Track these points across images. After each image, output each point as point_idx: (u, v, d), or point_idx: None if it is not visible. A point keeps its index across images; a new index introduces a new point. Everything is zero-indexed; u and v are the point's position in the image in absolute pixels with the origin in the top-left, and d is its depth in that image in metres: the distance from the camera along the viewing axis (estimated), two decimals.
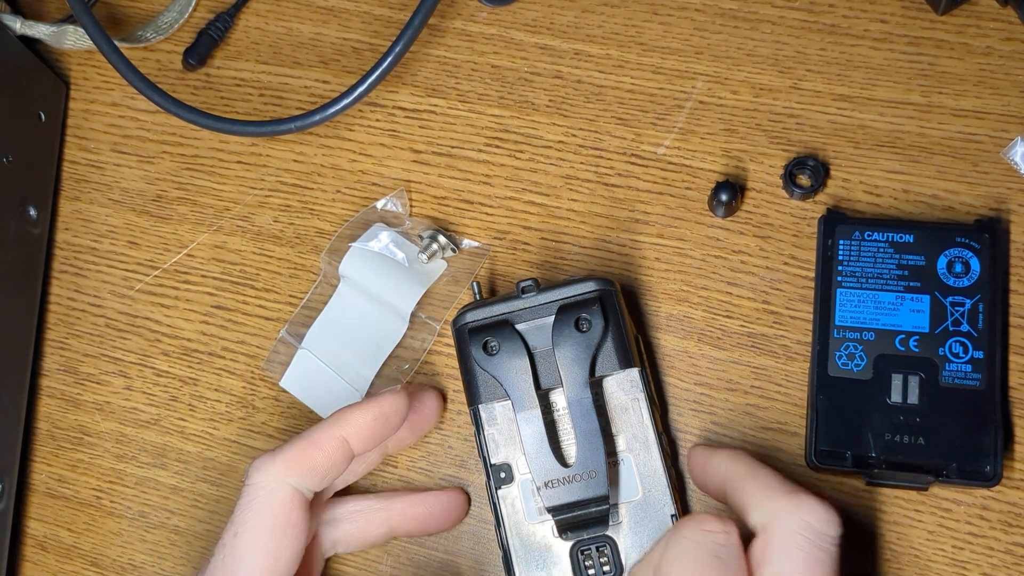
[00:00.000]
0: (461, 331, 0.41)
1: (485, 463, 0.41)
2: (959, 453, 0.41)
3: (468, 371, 0.41)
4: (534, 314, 0.41)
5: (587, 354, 0.40)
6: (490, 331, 0.41)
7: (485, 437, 0.41)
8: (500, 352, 0.40)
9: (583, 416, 0.39)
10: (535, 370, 0.40)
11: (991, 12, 0.46)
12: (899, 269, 0.43)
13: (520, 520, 0.41)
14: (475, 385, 0.41)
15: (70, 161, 0.52)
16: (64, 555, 0.48)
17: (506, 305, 0.41)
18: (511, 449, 0.41)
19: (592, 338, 0.40)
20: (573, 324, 0.40)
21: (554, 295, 0.41)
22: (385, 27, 0.51)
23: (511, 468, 0.41)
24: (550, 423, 0.41)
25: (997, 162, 0.45)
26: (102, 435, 0.49)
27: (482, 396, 0.41)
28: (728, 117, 0.47)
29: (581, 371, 0.40)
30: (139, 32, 0.52)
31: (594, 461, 0.39)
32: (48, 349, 0.50)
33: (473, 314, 0.41)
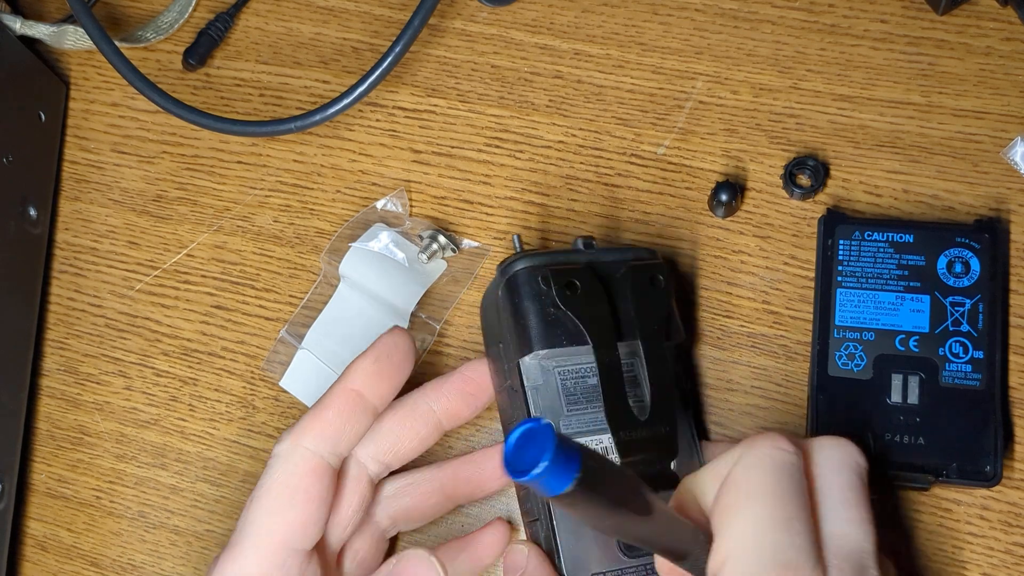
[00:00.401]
0: (524, 274, 0.39)
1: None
2: (959, 453, 0.41)
3: (530, 315, 0.39)
4: (602, 268, 0.40)
5: (662, 311, 0.40)
6: (573, 273, 0.39)
7: (527, 394, 0.39)
8: (584, 293, 0.39)
9: (660, 369, 0.38)
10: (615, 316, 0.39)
11: (991, 12, 0.46)
12: (899, 269, 0.43)
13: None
14: (536, 330, 0.38)
15: (70, 161, 0.52)
16: (64, 555, 0.48)
17: (569, 256, 0.40)
18: (553, 408, 0.39)
19: (666, 297, 0.40)
20: (649, 280, 0.40)
21: (618, 255, 0.41)
22: (385, 27, 0.51)
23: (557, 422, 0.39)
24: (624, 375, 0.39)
25: (997, 162, 0.45)
26: (102, 435, 0.49)
27: (540, 343, 0.38)
28: (728, 117, 0.47)
29: (659, 326, 0.39)
30: (139, 32, 0.52)
31: (669, 416, 0.38)
32: (48, 349, 0.50)
33: (532, 260, 0.39)
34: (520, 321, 0.39)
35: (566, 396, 0.39)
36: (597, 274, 0.39)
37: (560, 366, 0.39)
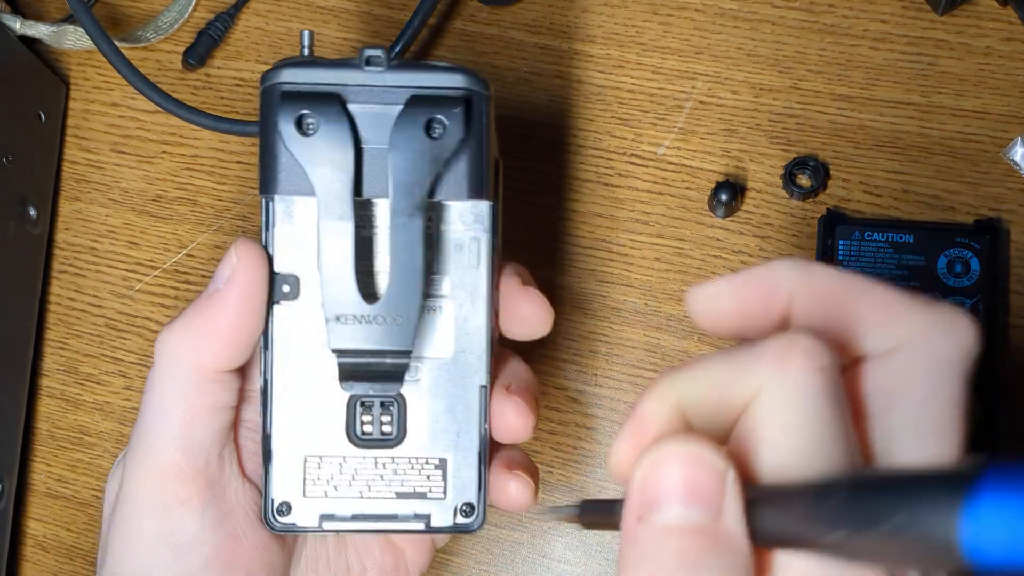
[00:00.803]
0: (270, 92, 0.31)
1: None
2: None
3: (268, 149, 0.31)
4: (375, 96, 0.31)
5: (431, 168, 0.31)
6: (310, 102, 0.31)
7: (273, 236, 0.32)
8: (318, 134, 0.31)
9: (406, 246, 0.31)
10: (359, 170, 0.31)
11: (991, 12, 0.46)
12: (899, 269, 0.43)
13: (295, 348, 0.32)
14: (273, 170, 0.31)
15: (70, 161, 0.52)
16: (64, 555, 0.48)
17: (340, 74, 0.31)
18: (304, 259, 0.32)
19: (443, 149, 0.31)
20: (423, 125, 0.31)
21: (407, 78, 0.31)
22: (385, 27, 0.51)
23: (298, 282, 0.32)
24: (363, 241, 0.32)
25: (997, 162, 0.45)
26: (102, 435, 0.49)
27: (280, 185, 0.31)
28: (728, 117, 0.47)
29: (419, 187, 0.31)
30: (139, 32, 0.52)
31: (406, 305, 0.31)
32: (48, 349, 0.50)
33: (293, 73, 0.31)
34: (263, 151, 0.32)
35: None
36: (355, 105, 0.31)
37: (312, 213, 0.32)
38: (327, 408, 0.32)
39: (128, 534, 0.32)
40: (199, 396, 0.32)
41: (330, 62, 0.32)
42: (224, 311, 0.31)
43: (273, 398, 0.32)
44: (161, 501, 0.31)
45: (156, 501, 0.31)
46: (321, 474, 0.32)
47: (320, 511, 0.32)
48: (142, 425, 0.32)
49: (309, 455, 0.32)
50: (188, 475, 0.32)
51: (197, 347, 0.32)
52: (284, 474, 0.32)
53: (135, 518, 0.32)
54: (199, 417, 0.32)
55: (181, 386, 0.32)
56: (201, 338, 0.32)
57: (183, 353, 0.32)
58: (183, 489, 0.31)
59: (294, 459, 0.32)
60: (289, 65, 0.32)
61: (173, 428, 0.32)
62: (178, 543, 0.31)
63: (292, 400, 0.32)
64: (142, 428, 0.32)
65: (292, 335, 0.32)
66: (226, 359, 0.32)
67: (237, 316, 0.31)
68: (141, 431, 0.32)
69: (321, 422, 0.32)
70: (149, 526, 0.31)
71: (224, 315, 0.31)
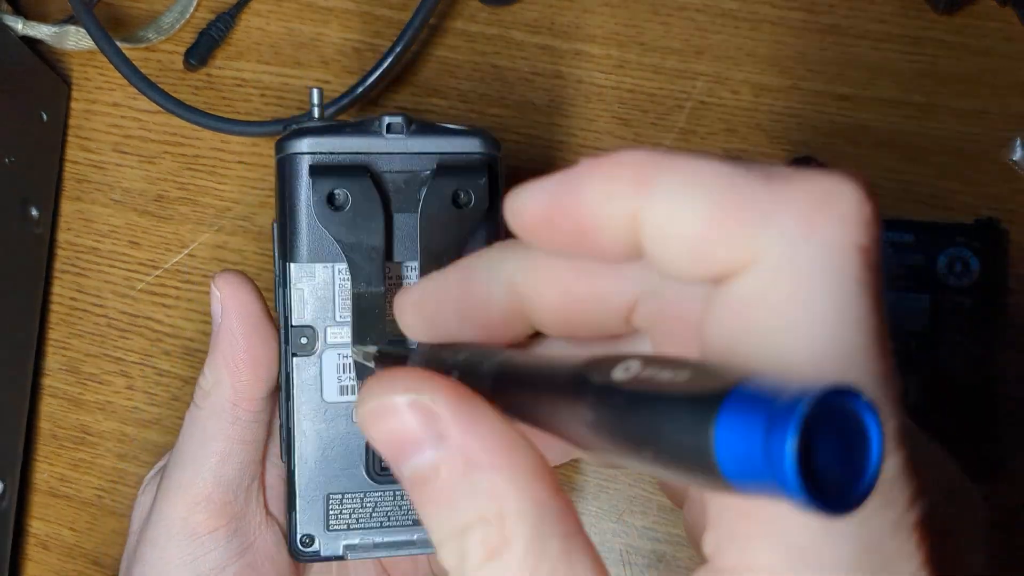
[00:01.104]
0: (293, 162, 0.32)
1: (284, 323, 0.33)
2: (958, 453, 0.41)
3: (294, 220, 0.32)
4: (398, 163, 0.33)
5: (460, 237, 0.32)
6: (340, 177, 0.32)
7: (291, 295, 0.33)
8: (349, 208, 0.32)
9: None
10: (389, 238, 0.33)
11: (991, 12, 0.46)
12: (899, 269, 0.43)
13: (315, 396, 0.34)
14: (300, 240, 0.32)
15: (72, 161, 0.52)
16: (66, 554, 0.48)
17: (362, 142, 0.32)
18: (321, 313, 0.33)
19: (470, 218, 0.33)
20: (451, 196, 0.32)
21: (428, 144, 0.33)
22: (385, 27, 0.51)
23: (315, 335, 0.33)
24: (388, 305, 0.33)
25: (996, 162, 0.45)
26: (104, 435, 0.49)
27: (304, 256, 0.33)
28: (728, 117, 0.47)
29: (447, 256, 0.32)
30: (140, 32, 0.52)
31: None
32: (50, 349, 0.51)
33: (316, 142, 0.32)
34: (285, 220, 0.33)
35: (343, 300, 0.33)
36: (382, 178, 0.32)
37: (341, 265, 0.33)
38: (347, 449, 0.34)
39: (155, 556, 0.34)
40: (235, 429, 0.34)
41: (349, 127, 0.33)
42: (237, 339, 0.34)
43: (296, 443, 0.34)
44: (191, 529, 0.34)
45: (185, 529, 0.34)
46: (343, 509, 0.35)
47: (343, 542, 0.35)
48: (182, 454, 0.34)
49: (332, 493, 0.34)
50: (218, 507, 0.34)
51: (230, 379, 0.34)
52: (308, 511, 0.34)
53: (165, 543, 0.34)
54: (234, 450, 0.34)
55: (221, 423, 0.34)
56: (233, 373, 0.34)
57: (222, 391, 0.34)
58: (212, 520, 0.34)
59: (317, 497, 0.34)
60: (309, 133, 0.32)
61: (212, 462, 0.34)
62: (201, 570, 0.34)
63: (313, 444, 0.34)
64: (182, 457, 0.34)
65: (311, 383, 0.34)
66: (259, 384, 0.34)
67: (249, 340, 0.34)
68: (180, 460, 0.34)
69: (342, 462, 0.34)
70: (176, 551, 0.34)
71: (239, 343, 0.34)
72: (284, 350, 0.34)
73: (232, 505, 0.34)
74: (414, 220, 0.33)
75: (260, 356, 0.34)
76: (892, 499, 0.17)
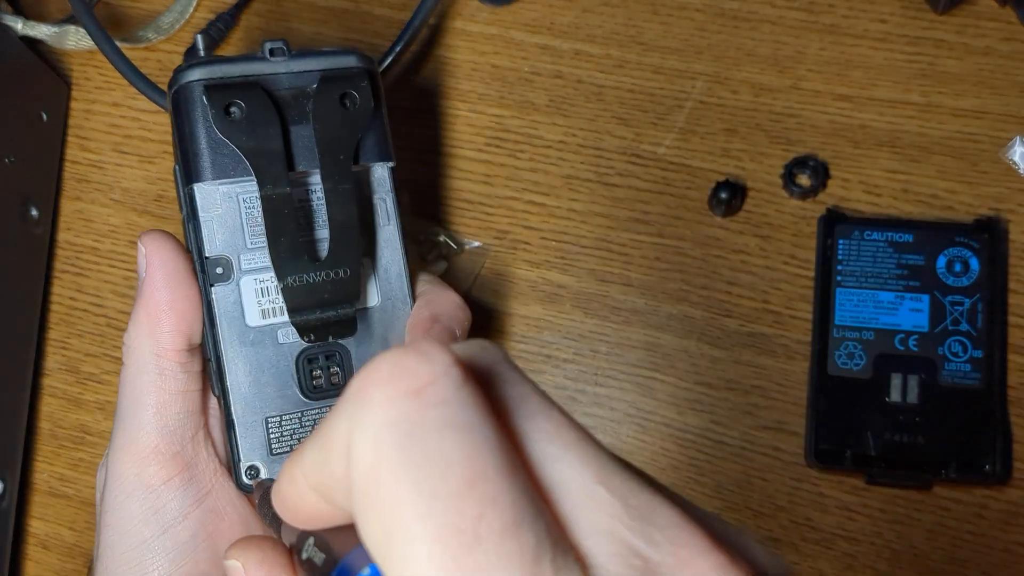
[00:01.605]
0: (189, 89, 0.34)
1: (198, 255, 0.35)
2: (958, 452, 0.41)
3: (194, 140, 0.34)
4: (285, 81, 0.35)
5: (352, 136, 0.35)
6: (234, 93, 0.34)
7: (201, 224, 0.34)
8: (247, 118, 0.34)
9: (341, 206, 0.34)
10: (288, 146, 0.34)
11: (990, 12, 0.46)
12: (899, 268, 0.43)
13: (238, 322, 0.35)
14: (202, 158, 0.34)
15: (71, 161, 0.52)
16: (66, 554, 0.48)
17: (248, 66, 0.35)
18: (232, 241, 0.34)
19: (358, 118, 0.35)
20: (339, 99, 0.35)
21: (310, 63, 0.35)
22: (385, 27, 0.51)
23: (230, 263, 0.35)
24: (299, 211, 0.35)
25: (996, 162, 0.45)
26: (103, 434, 0.49)
27: (208, 173, 0.34)
28: (728, 117, 0.47)
29: (345, 155, 0.35)
30: (140, 32, 0.52)
31: (348, 260, 0.34)
32: (50, 348, 0.51)
33: (204, 70, 0.34)
34: (185, 145, 0.34)
35: (250, 227, 0.35)
36: (274, 92, 0.35)
37: (243, 192, 0.35)
38: (277, 371, 0.35)
39: (118, 517, 0.34)
40: (165, 381, 0.34)
41: (236, 58, 0.35)
42: (158, 291, 0.34)
43: (227, 371, 0.34)
44: (145, 483, 0.34)
45: (140, 484, 0.34)
46: (283, 431, 0.35)
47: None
48: (120, 417, 0.35)
49: (270, 416, 0.35)
50: (167, 457, 0.34)
51: (153, 333, 0.34)
52: (249, 438, 0.35)
53: (123, 502, 0.34)
54: (170, 401, 0.34)
55: (149, 376, 0.34)
56: (153, 324, 0.34)
57: (144, 343, 0.34)
58: (164, 470, 0.34)
59: (256, 422, 0.35)
60: (198, 64, 0.34)
61: (149, 414, 0.34)
62: (164, 520, 0.34)
63: (244, 370, 0.35)
64: (120, 419, 0.35)
65: (233, 311, 0.35)
66: (180, 336, 0.34)
67: (171, 292, 0.34)
68: (120, 422, 0.35)
69: (274, 384, 0.35)
70: (136, 507, 0.34)
71: (160, 295, 0.34)
72: (202, 280, 0.34)
73: (181, 455, 0.34)
74: (308, 131, 0.35)
75: (181, 308, 0.34)
76: None
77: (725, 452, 0.44)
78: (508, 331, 0.47)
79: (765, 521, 0.43)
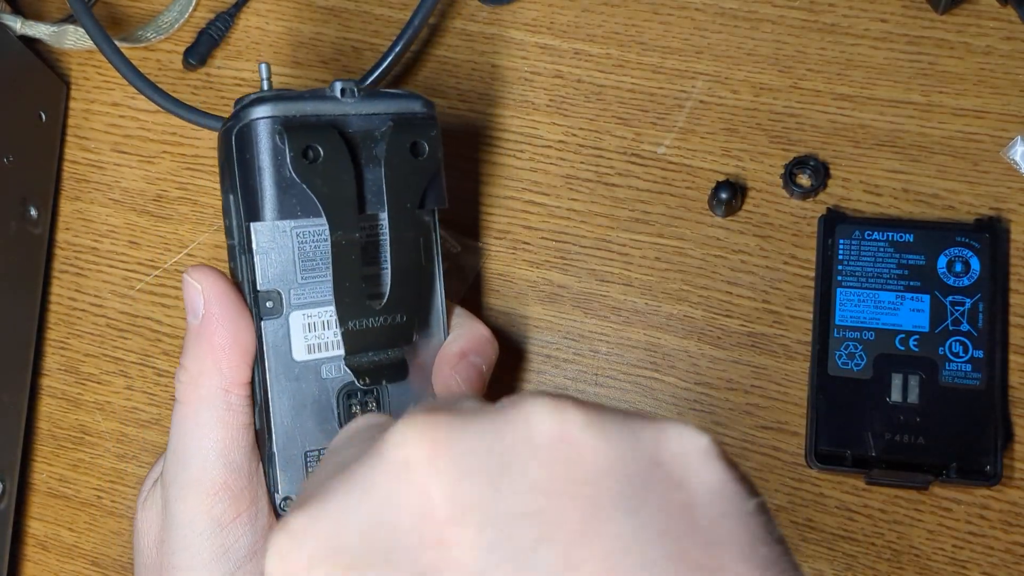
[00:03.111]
0: (260, 126, 0.34)
1: (250, 289, 0.35)
2: (959, 452, 0.41)
3: (261, 178, 0.34)
4: (353, 124, 0.35)
5: (420, 185, 0.35)
6: (313, 136, 0.33)
7: (255, 258, 0.34)
8: (323, 163, 0.33)
9: (405, 254, 0.35)
10: (360, 190, 0.35)
11: (991, 11, 0.46)
12: (899, 268, 0.43)
13: (285, 357, 0.35)
14: (267, 198, 0.34)
15: (71, 161, 0.52)
16: (65, 554, 0.48)
17: (320, 105, 0.35)
18: (284, 276, 0.35)
19: (426, 168, 0.35)
20: (410, 147, 0.35)
21: (378, 105, 0.35)
22: (385, 27, 0.51)
23: (280, 298, 0.35)
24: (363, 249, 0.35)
25: (997, 161, 0.45)
26: (103, 435, 0.49)
27: (271, 213, 0.34)
28: (728, 116, 0.47)
29: (411, 203, 0.35)
30: (139, 32, 0.52)
31: (407, 305, 0.35)
32: (49, 349, 0.51)
33: (276, 107, 0.34)
34: (250, 182, 0.34)
35: (302, 262, 0.35)
36: (347, 134, 0.34)
37: (300, 228, 0.35)
38: (319, 405, 0.35)
39: (189, 557, 0.34)
40: (233, 416, 0.34)
41: (305, 94, 0.35)
42: (221, 327, 0.34)
43: (273, 404, 0.35)
44: (215, 521, 0.34)
45: (211, 522, 0.34)
46: None
47: None
48: (179, 456, 0.34)
49: (309, 450, 0.35)
50: (235, 493, 0.34)
51: (219, 368, 0.34)
52: (288, 471, 0.35)
53: (194, 540, 0.34)
54: (236, 436, 0.34)
55: (216, 411, 0.34)
56: (218, 359, 0.34)
57: (210, 379, 0.34)
58: (234, 507, 0.34)
59: (296, 455, 0.35)
60: (268, 99, 0.34)
61: (215, 451, 0.34)
62: (235, 557, 0.34)
63: (288, 404, 0.35)
64: (180, 458, 0.34)
65: (281, 345, 0.35)
66: (247, 369, 0.35)
67: (233, 326, 0.34)
68: (180, 461, 0.34)
69: (315, 418, 0.35)
70: (207, 547, 0.34)
71: (223, 330, 0.34)
72: (254, 314, 0.34)
73: (248, 490, 0.34)
74: (374, 173, 0.35)
75: (244, 342, 0.34)
76: None
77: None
78: (508, 331, 0.47)
79: None
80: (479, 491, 0.20)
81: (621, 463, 0.20)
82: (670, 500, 0.20)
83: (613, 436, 0.21)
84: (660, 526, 0.20)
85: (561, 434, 0.20)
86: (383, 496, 0.21)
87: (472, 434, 0.21)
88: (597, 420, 0.21)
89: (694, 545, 0.19)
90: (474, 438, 0.21)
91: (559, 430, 0.21)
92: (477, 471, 0.20)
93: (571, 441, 0.20)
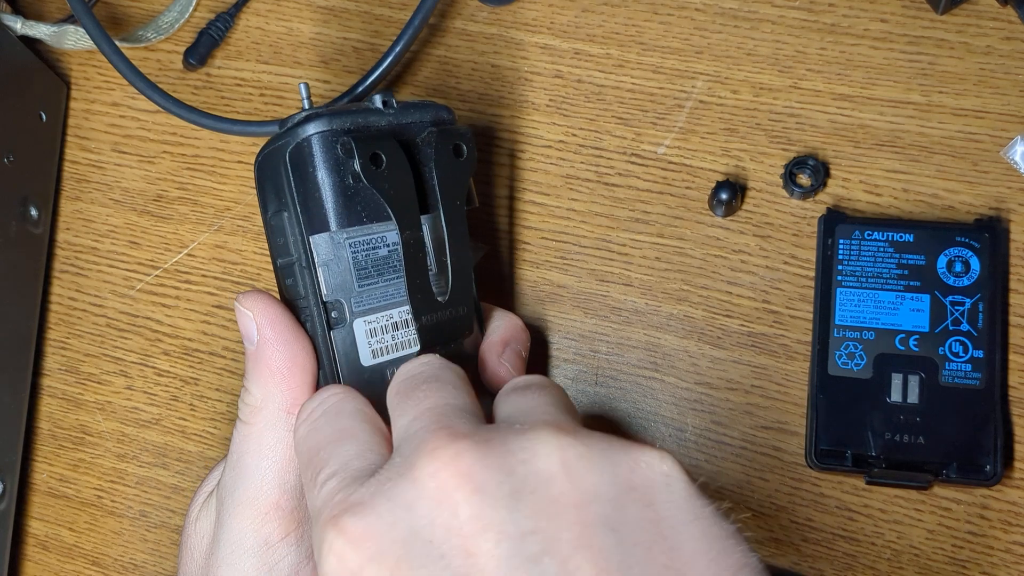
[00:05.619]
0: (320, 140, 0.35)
1: (315, 301, 0.36)
2: (959, 452, 0.41)
3: (324, 190, 0.35)
4: (400, 132, 0.37)
5: (465, 183, 0.38)
6: (376, 143, 0.35)
7: (318, 270, 0.36)
8: (388, 167, 0.35)
9: (461, 249, 0.37)
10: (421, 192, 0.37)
11: (991, 11, 0.46)
12: (899, 268, 0.43)
13: (356, 364, 0.36)
14: (330, 209, 0.35)
15: (71, 161, 0.52)
16: (65, 554, 0.48)
17: (372, 117, 0.37)
18: (344, 285, 0.36)
19: (466, 168, 0.38)
20: (454, 150, 0.38)
21: (415, 114, 0.38)
22: (385, 27, 0.51)
23: (343, 307, 0.36)
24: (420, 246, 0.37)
25: (997, 161, 0.45)
26: (103, 435, 0.49)
27: (335, 223, 0.35)
28: (728, 116, 0.47)
29: (460, 200, 0.37)
30: (139, 32, 0.52)
31: (467, 297, 0.37)
32: (49, 349, 0.51)
33: (334, 121, 0.36)
34: (314, 195, 0.35)
35: (357, 271, 0.36)
36: (400, 141, 0.36)
37: (352, 238, 0.36)
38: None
39: (232, 573, 0.35)
40: (291, 437, 0.35)
41: (353, 109, 0.37)
42: (278, 350, 0.35)
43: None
44: (264, 539, 0.35)
45: (260, 540, 0.35)
46: None
47: None
48: (239, 472, 0.35)
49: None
50: (286, 512, 0.35)
51: (282, 390, 0.35)
52: None
53: (241, 557, 0.35)
54: (293, 457, 0.35)
55: (278, 432, 0.35)
56: (279, 381, 0.35)
57: (273, 402, 0.35)
58: (283, 527, 0.35)
59: None
60: (321, 115, 0.36)
61: (273, 471, 0.35)
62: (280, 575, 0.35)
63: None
64: (243, 472, 0.35)
65: (350, 352, 0.36)
66: (309, 388, 0.36)
67: (291, 347, 0.36)
68: (242, 475, 0.35)
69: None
70: (253, 563, 0.35)
71: (282, 352, 0.35)
72: (321, 325, 0.36)
73: (298, 510, 0.35)
74: (426, 174, 0.37)
75: (303, 362, 0.36)
76: None
77: (725, 452, 0.44)
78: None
79: (765, 521, 0.43)
80: (497, 514, 0.26)
81: (604, 488, 0.26)
82: (643, 517, 0.26)
83: (597, 467, 0.27)
84: (635, 538, 0.25)
85: (560, 467, 0.26)
86: (422, 514, 0.26)
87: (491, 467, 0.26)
88: (587, 454, 0.27)
89: (661, 551, 0.25)
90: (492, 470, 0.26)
91: (559, 466, 0.26)
92: (495, 497, 0.26)
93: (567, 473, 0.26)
